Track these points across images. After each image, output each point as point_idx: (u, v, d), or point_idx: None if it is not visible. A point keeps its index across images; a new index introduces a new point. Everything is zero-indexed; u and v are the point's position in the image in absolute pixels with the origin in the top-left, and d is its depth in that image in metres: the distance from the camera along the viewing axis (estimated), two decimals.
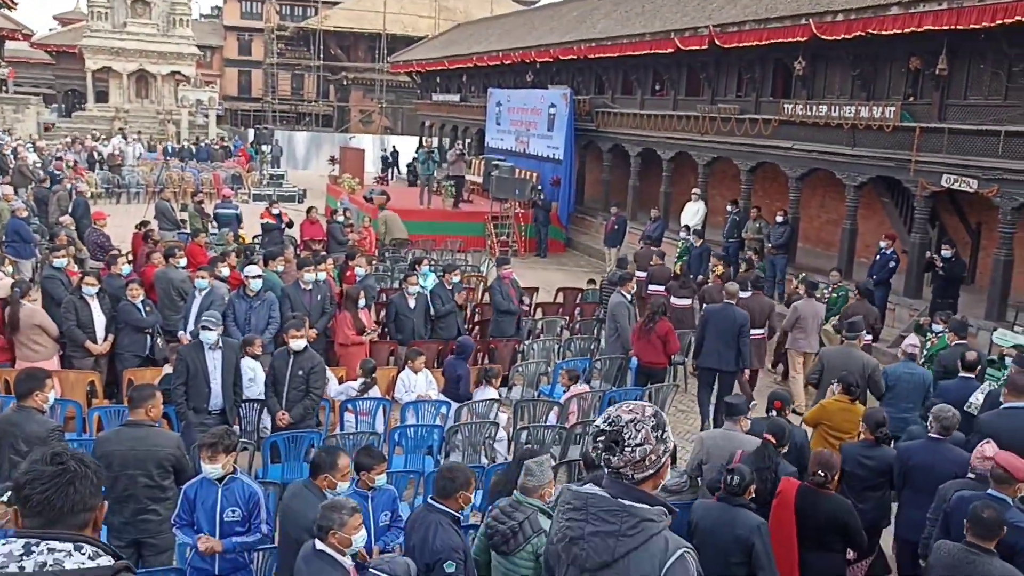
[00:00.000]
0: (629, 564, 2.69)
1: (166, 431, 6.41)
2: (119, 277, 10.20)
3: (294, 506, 5.15)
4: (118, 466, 5.59)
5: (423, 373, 8.93)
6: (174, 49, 45.20)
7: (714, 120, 18.82)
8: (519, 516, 4.87)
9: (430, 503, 5.00)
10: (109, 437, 5.84)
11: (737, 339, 10.07)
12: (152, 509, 5.68)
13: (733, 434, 6.59)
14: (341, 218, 16.82)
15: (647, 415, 2.75)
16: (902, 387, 8.53)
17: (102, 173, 29.21)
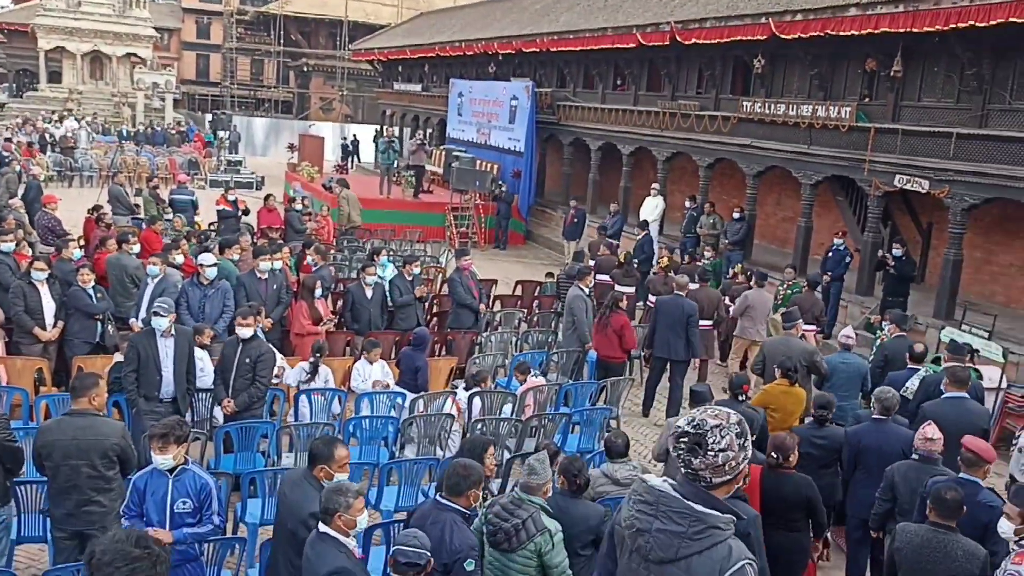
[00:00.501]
0: (690, 566, 2.77)
1: (111, 420, 6.30)
2: (70, 262, 10.01)
3: (292, 496, 5.08)
4: (60, 456, 5.49)
5: (379, 364, 8.90)
6: (130, 30, 44.36)
7: (674, 116, 18.94)
8: (522, 514, 4.91)
9: (440, 501, 4.86)
10: (51, 427, 5.72)
11: (686, 329, 10.48)
12: (96, 500, 5.59)
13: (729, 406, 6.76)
14: (299, 206, 16.67)
15: (732, 422, 2.83)
16: (839, 376, 8.96)
17: (54, 156, 28.61)
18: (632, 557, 2.94)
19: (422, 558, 4.18)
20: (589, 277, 11.41)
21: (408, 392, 8.79)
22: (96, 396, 5.78)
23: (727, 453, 2.79)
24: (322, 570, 4.27)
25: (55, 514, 5.61)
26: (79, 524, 5.58)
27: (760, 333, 11.71)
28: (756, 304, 11.66)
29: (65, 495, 5.55)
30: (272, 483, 6.65)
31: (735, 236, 16.29)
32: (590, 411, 8.96)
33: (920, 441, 6.16)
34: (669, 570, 2.81)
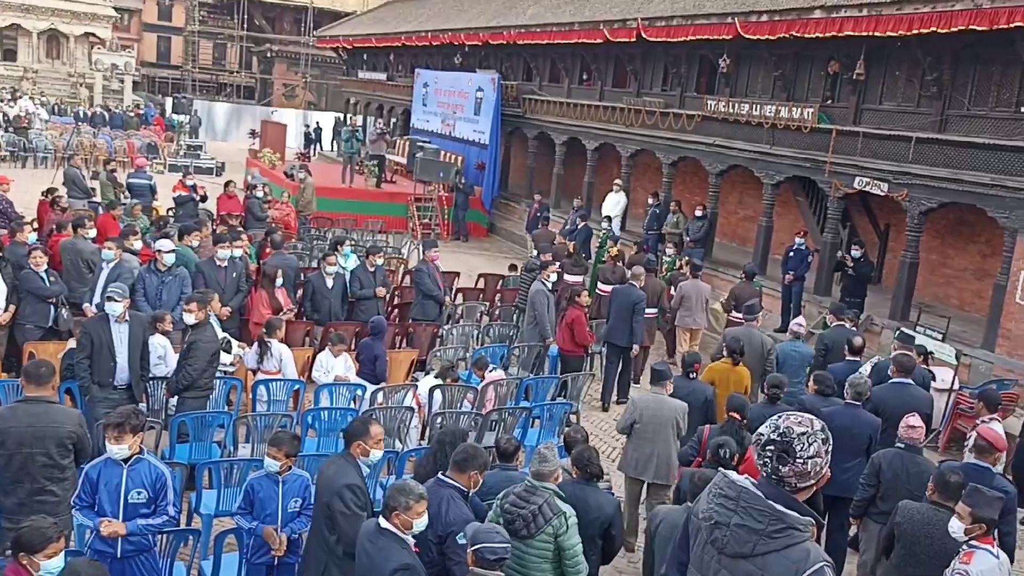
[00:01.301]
0: (766, 563, 2.80)
1: (67, 408, 6.18)
2: (23, 246, 9.76)
3: (329, 471, 5.11)
4: (14, 444, 5.38)
5: (342, 357, 8.83)
6: (89, 9, 43.52)
7: (639, 112, 19.00)
8: (538, 500, 5.03)
9: (441, 478, 5.05)
10: (4, 414, 5.59)
11: (631, 316, 10.81)
12: (49, 490, 5.49)
13: (662, 397, 7.54)
14: (260, 193, 16.45)
15: (816, 428, 2.87)
16: (791, 363, 9.49)
17: (7, 135, 27.96)
18: (706, 549, 2.99)
19: (507, 551, 4.32)
20: (551, 270, 11.41)
21: (368, 384, 8.73)
22: (52, 385, 5.66)
23: (815, 460, 2.85)
24: (387, 566, 4.31)
25: (5, 503, 5.47)
26: (31, 513, 5.37)
27: (697, 321, 12.32)
28: (691, 294, 12.22)
29: (18, 483, 5.43)
30: (228, 474, 6.57)
31: (697, 234, 16.41)
32: (550, 406, 8.97)
33: (904, 429, 6.57)
34: (743, 566, 2.86)
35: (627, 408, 7.89)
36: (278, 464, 5.38)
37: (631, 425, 7.52)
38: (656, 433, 7.42)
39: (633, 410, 7.60)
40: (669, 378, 7.65)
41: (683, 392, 7.82)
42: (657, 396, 7.59)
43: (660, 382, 7.61)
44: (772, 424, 2.91)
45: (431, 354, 10.73)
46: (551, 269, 11.34)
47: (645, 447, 7.44)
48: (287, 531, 5.41)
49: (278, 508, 5.40)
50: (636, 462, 7.53)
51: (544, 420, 8.82)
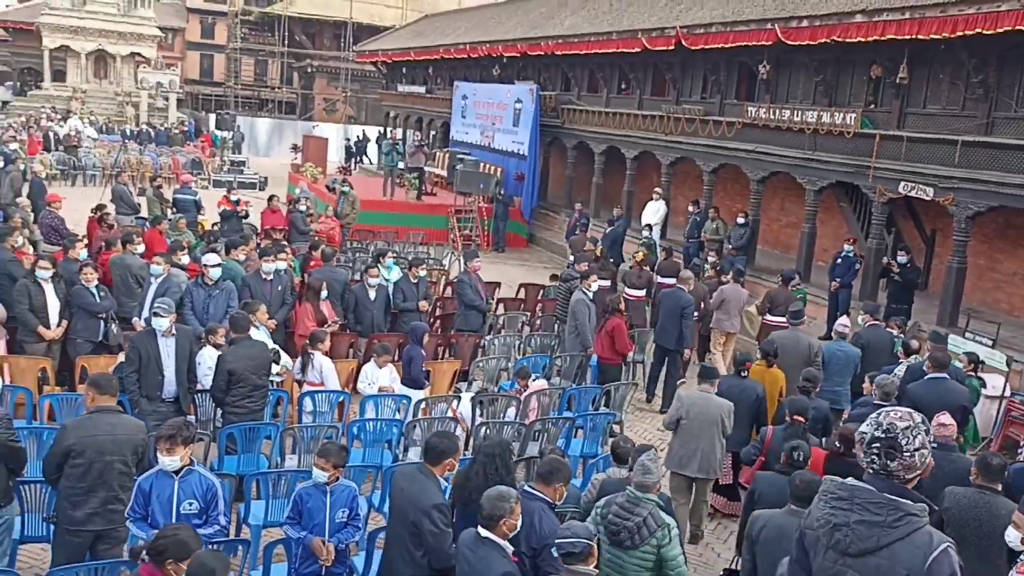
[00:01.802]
0: (893, 553, 2.88)
1: (133, 418, 6.31)
2: (75, 262, 9.99)
3: (411, 489, 5.13)
4: (94, 453, 5.42)
5: (387, 368, 8.88)
6: (135, 30, 44.40)
7: (678, 120, 18.95)
8: (642, 512, 5.07)
9: (528, 490, 5.08)
10: (83, 423, 5.61)
11: (680, 320, 11.12)
12: (120, 498, 5.55)
13: (709, 395, 7.72)
14: (303, 207, 16.65)
15: (917, 421, 2.97)
16: (835, 363, 9.59)
17: (58, 154, 28.63)
18: (827, 555, 3.04)
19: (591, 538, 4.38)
20: (591, 279, 11.39)
21: (412, 395, 8.78)
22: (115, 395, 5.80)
23: (921, 452, 2.95)
24: (490, 574, 4.40)
25: (74, 516, 5.46)
26: (101, 523, 5.50)
27: (734, 325, 12.47)
28: (730, 298, 12.34)
29: (92, 493, 5.46)
30: (276, 485, 6.65)
31: (739, 241, 16.29)
32: (593, 416, 8.95)
33: (935, 428, 6.45)
34: (871, 561, 2.92)
35: (674, 404, 8.06)
36: (326, 475, 5.44)
37: (677, 421, 7.69)
38: (702, 430, 7.57)
39: (680, 406, 7.77)
40: (717, 377, 7.90)
41: (735, 391, 8.02)
42: (704, 394, 7.75)
43: (708, 380, 7.81)
44: (874, 421, 2.99)
45: (473, 364, 10.77)
46: (592, 279, 11.32)
47: (691, 443, 7.59)
48: (334, 541, 5.46)
49: (326, 518, 5.45)
50: (681, 457, 7.66)
51: (587, 430, 8.80)
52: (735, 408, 7.74)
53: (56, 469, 5.48)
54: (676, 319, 11.14)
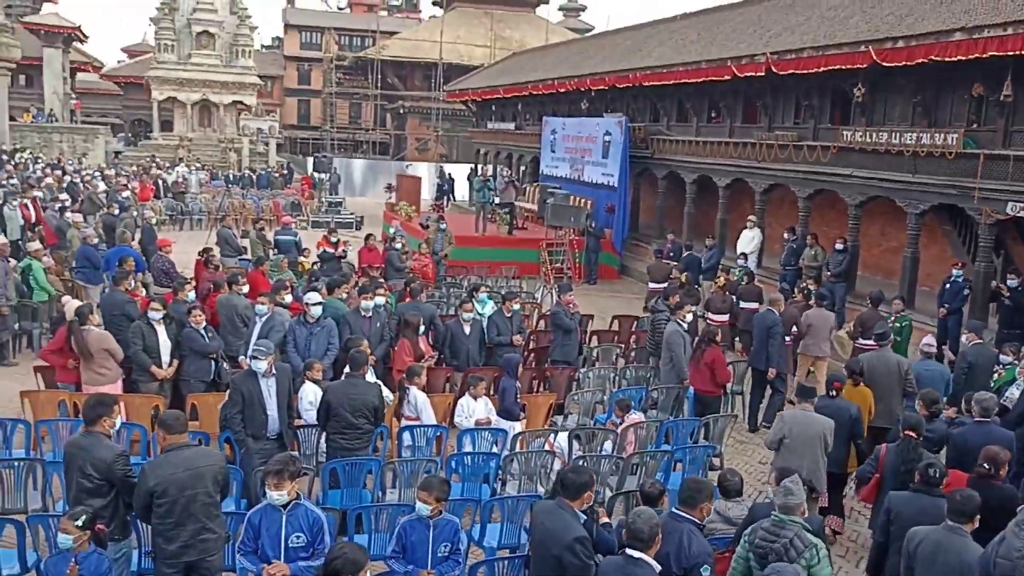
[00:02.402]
0: None
1: (208, 448, 6.53)
2: (184, 303, 10.44)
3: (553, 525, 5.30)
4: (176, 490, 5.59)
5: (482, 400, 8.97)
6: (236, 79, 46.29)
7: (771, 147, 18.69)
8: (788, 533, 5.18)
9: (675, 512, 5.36)
10: (160, 463, 5.78)
11: (767, 341, 11.35)
12: (209, 528, 5.72)
13: (809, 413, 7.90)
14: (399, 245, 17.03)
15: None
16: (925, 382, 9.50)
17: (167, 200, 29.97)
18: None
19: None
20: (685, 310, 11.29)
21: (509, 428, 8.83)
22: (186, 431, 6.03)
23: None
24: None
25: (167, 550, 5.66)
26: (194, 554, 5.68)
27: (822, 349, 12.29)
28: (816, 322, 12.23)
29: (181, 527, 5.65)
30: (378, 518, 6.76)
31: (838, 268, 15.90)
32: (692, 448, 8.83)
33: None
34: None
35: (775, 424, 8.23)
36: (429, 508, 5.51)
37: (780, 440, 7.85)
38: (804, 447, 7.70)
39: (782, 425, 7.94)
40: (815, 396, 8.15)
41: (828, 411, 8.04)
42: (805, 412, 7.93)
43: (807, 399, 8.00)
44: None
45: (569, 398, 10.76)
46: (686, 309, 11.22)
47: (793, 461, 7.59)
48: (436, 574, 5.52)
49: (428, 552, 5.53)
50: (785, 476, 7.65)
51: (687, 463, 8.69)
52: None
53: (144, 509, 5.70)
54: (764, 340, 11.40)
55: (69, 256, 16.26)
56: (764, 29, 19.68)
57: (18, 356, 13.21)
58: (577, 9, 68.73)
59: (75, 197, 22.96)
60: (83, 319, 9.28)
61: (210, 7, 44.96)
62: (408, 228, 23.65)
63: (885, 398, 9.27)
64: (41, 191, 22.99)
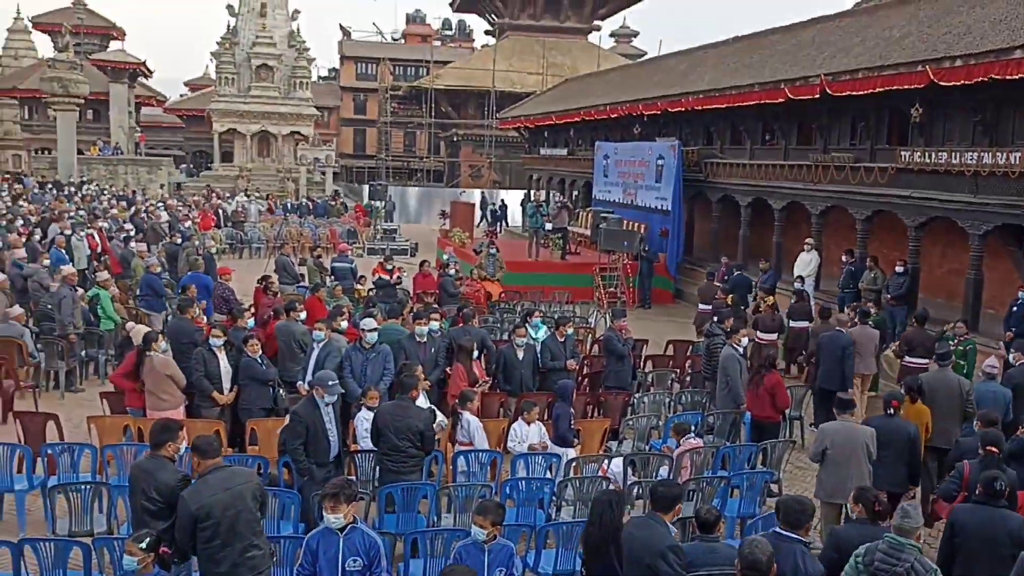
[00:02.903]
0: None
1: (240, 467, 6.65)
2: (243, 330, 10.66)
3: (643, 535, 5.47)
4: (220, 511, 5.65)
5: (536, 425, 8.97)
6: (294, 110, 47.27)
7: (827, 169, 18.47)
8: (908, 558, 5.15)
9: (780, 532, 5.39)
10: (199, 489, 5.79)
11: (842, 360, 11.42)
12: (255, 544, 5.79)
13: (850, 424, 8.07)
14: (452, 271, 17.18)
15: None
16: (985, 403, 9.33)
17: (227, 229, 30.64)
18: None
19: None
20: (741, 334, 11.18)
21: (563, 453, 8.82)
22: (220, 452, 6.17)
23: None
24: None
25: (219, 571, 5.70)
26: (247, 572, 5.74)
27: (869, 366, 12.46)
28: (860, 340, 12.21)
29: (228, 547, 5.69)
30: (433, 543, 6.79)
31: (898, 290, 15.59)
32: (750, 474, 8.71)
33: None
34: None
35: (817, 437, 8.42)
36: (484, 532, 5.53)
37: (823, 452, 7.99)
38: (849, 457, 7.83)
39: (823, 438, 8.10)
40: (854, 407, 8.30)
41: (884, 430, 8.07)
42: (845, 423, 8.06)
43: (846, 410, 8.14)
44: None
45: (623, 423, 10.71)
46: (742, 333, 11.12)
47: (839, 471, 7.83)
48: None
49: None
50: (831, 487, 7.94)
51: (744, 489, 8.57)
52: (887, 447, 7.93)
53: (190, 538, 5.70)
54: (838, 360, 11.42)
55: (133, 285, 16.72)
56: (817, 51, 19.54)
57: (85, 382, 13.59)
58: (629, 35, 68.95)
59: (139, 227, 23.61)
60: (148, 344, 9.52)
61: (269, 41, 46.10)
62: (461, 254, 23.84)
63: (944, 419, 9.19)
64: (107, 222, 23.74)
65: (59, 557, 6.32)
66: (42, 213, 24.98)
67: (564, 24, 56.05)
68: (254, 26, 46.26)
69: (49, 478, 8.38)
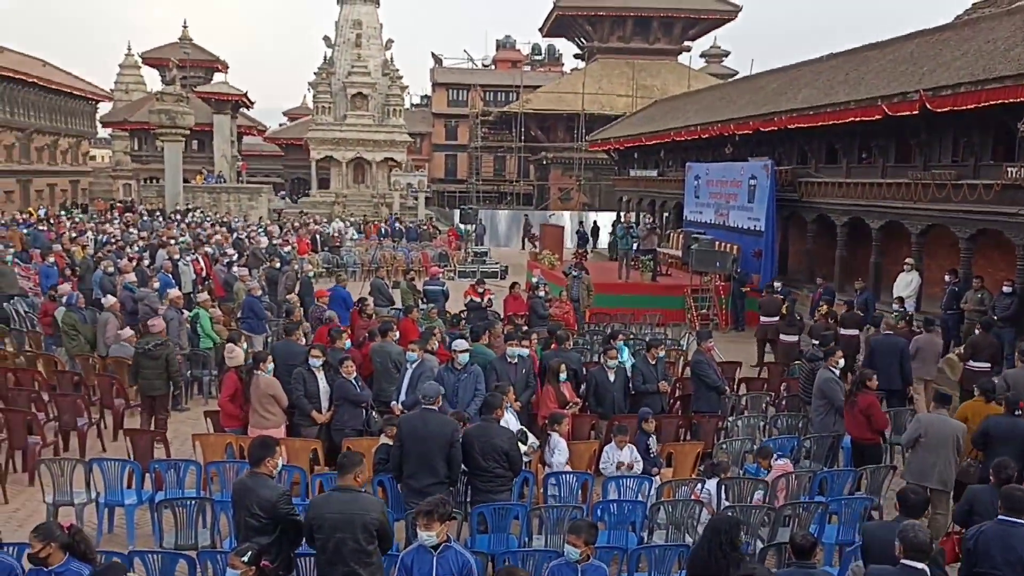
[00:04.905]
0: None
1: (372, 497, 6.75)
2: (341, 351, 10.94)
3: None
4: (328, 529, 5.86)
5: (627, 448, 8.95)
6: (388, 137, 48.34)
7: (928, 187, 17.92)
8: None
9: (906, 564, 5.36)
10: (320, 501, 6.17)
11: (900, 361, 12.39)
12: (358, 573, 5.89)
13: (944, 417, 8.86)
14: (542, 293, 17.26)
15: None
16: None
17: (324, 254, 31.45)
18: None
19: None
20: (837, 356, 10.91)
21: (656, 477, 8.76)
22: (360, 473, 6.25)
23: None
24: None
25: None
26: None
27: (930, 372, 13.35)
28: (924, 347, 13.19)
29: (332, 566, 5.90)
30: (524, 563, 6.83)
31: (1005, 312, 14.96)
32: (849, 500, 8.48)
33: None
34: None
35: (912, 424, 9.20)
36: (578, 552, 5.54)
37: (916, 439, 8.79)
38: (939, 446, 8.58)
39: (918, 426, 8.88)
40: (950, 402, 9.05)
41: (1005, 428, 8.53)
42: (940, 416, 8.84)
43: (943, 404, 8.97)
44: None
45: (716, 446, 10.56)
46: (837, 355, 10.86)
47: (928, 458, 8.62)
48: None
49: None
50: (921, 471, 8.67)
51: (842, 515, 8.35)
52: (1011, 444, 8.30)
53: (311, 540, 6.04)
54: (896, 361, 12.36)
55: (235, 308, 17.33)
56: (916, 66, 19.01)
57: (190, 401, 14.14)
58: (720, 55, 68.31)
59: (241, 252, 24.46)
60: (257, 364, 9.88)
61: (364, 70, 47.35)
62: (550, 276, 23.92)
63: None
64: (211, 247, 24.67)
65: (166, 569, 6.59)
66: (151, 239, 26.16)
67: (654, 46, 55.96)
68: (350, 56, 47.63)
69: (156, 493, 8.76)
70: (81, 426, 11.38)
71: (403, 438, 7.71)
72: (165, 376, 11.79)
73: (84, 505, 8.75)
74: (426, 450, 7.54)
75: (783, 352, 16.26)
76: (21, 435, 10.44)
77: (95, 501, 8.80)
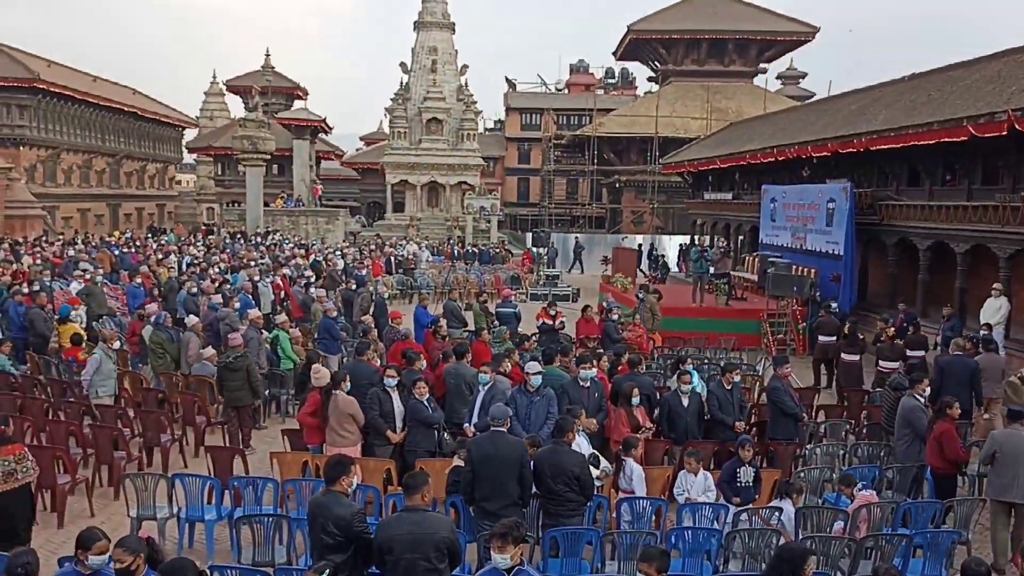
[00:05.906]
0: None
1: (441, 515, 6.79)
2: (416, 372, 11.05)
3: None
4: (400, 550, 5.90)
5: (702, 475, 8.82)
6: (461, 161, 48.87)
7: (1016, 209, 17.32)
8: None
9: None
10: (390, 522, 6.22)
11: (971, 381, 12.54)
12: None
13: (1019, 432, 8.93)
14: (615, 316, 17.18)
15: None
16: None
17: (398, 276, 31.88)
18: None
19: None
20: (923, 384, 10.59)
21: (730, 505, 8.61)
22: (427, 493, 6.29)
23: None
24: None
25: None
26: None
27: (994, 391, 13.23)
28: (987, 366, 13.13)
29: None
30: None
31: None
32: (934, 534, 8.19)
33: None
34: None
35: (987, 442, 9.23)
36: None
37: (992, 455, 8.89)
38: (1017, 459, 8.71)
39: (993, 443, 9.00)
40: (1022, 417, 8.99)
41: None
42: (1014, 431, 8.96)
43: (1017, 420, 9.02)
44: None
45: (794, 474, 10.32)
46: (924, 383, 10.54)
47: (1007, 472, 8.72)
48: None
49: None
50: (1001, 486, 8.76)
51: (927, 549, 8.06)
52: None
53: (380, 562, 6.08)
54: (966, 382, 12.45)
55: (313, 328, 17.67)
56: (1004, 85, 18.44)
57: (267, 420, 14.42)
58: (796, 76, 67.33)
59: (318, 274, 24.95)
60: (336, 384, 10.06)
61: (439, 96, 48.03)
62: (622, 299, 23.79)
63: None
64: (289, 269, 25.23)
65: None
66: (232, 261, 26.88)
67: (729, 68, 55.45)
68: (425, 82, 48.38)
69: (235, 509, 8.95)
70: (164, 442, 11.73)
71: (474, 461, 7.74)
72: (248, 387, 12.20)
73: (166, 520, 9.00)
74: (497, 472, 7.57)
75: (844, 371, 16.05)
76: (107, 450, 10.81)
77: (176, 516, 9.03)
